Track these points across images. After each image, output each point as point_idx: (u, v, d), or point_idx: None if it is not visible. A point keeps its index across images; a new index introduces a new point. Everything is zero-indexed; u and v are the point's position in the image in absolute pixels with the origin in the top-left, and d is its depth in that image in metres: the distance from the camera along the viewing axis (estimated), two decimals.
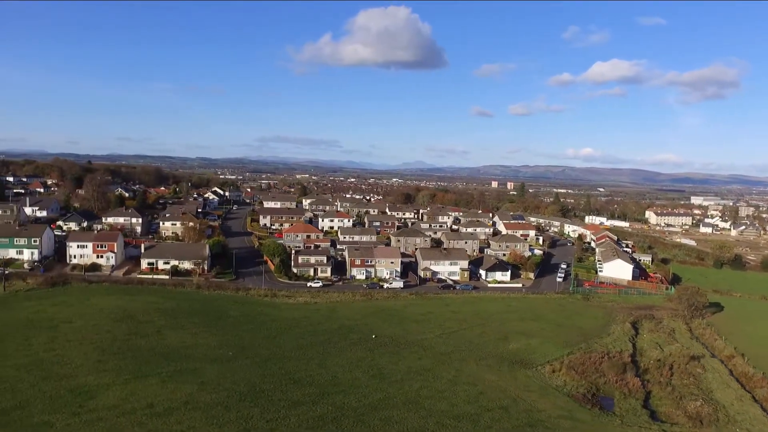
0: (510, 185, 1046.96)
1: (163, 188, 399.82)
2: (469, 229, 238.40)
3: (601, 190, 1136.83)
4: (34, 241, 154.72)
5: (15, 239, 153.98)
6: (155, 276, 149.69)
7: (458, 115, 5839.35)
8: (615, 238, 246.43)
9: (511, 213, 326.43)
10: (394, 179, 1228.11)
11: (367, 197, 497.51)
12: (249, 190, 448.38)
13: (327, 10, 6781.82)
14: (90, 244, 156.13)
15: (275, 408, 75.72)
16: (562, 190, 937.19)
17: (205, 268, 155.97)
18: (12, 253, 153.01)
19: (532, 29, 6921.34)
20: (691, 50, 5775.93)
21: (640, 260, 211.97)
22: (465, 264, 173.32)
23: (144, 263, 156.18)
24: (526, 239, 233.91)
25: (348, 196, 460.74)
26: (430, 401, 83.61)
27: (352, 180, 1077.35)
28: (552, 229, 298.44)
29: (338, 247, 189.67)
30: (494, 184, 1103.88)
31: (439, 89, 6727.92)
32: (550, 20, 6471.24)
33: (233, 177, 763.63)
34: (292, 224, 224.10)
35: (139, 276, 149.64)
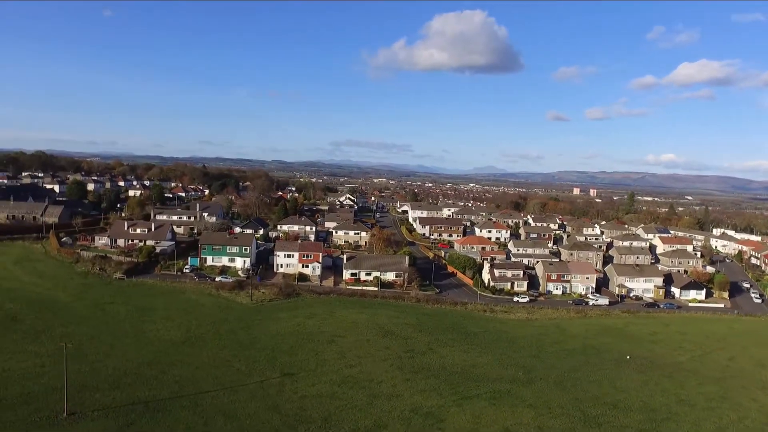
0: (593, 192, 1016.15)
1: (281, 192, 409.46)
2: (625, 243, 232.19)
3: (690, 198, 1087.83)
4: (245, 250, 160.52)
5: (227, 247, 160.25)
6: (364, 288, 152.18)
7: (533, 119, 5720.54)
8: None
9: (642, 225, 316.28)
10: (471, 184, 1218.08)
11: (468, 204, 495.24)
12: (373, 197, 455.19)
13: (403, 14, 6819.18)
14: (296, 254, 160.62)
15: None
16: (648, 198, 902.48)
17: (405, 280, 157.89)
18: (225, 261, 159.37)
19: (614, 30, 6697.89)
20: None
21: None
22: (659, 281, 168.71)
23: (347, 274, 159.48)
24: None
25: (452, 203, 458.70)
26: None
27: (430, 185, 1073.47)
28: (695, 243, 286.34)
29: (512, 260, 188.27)
30: (576, 191, 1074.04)
31: (514, 93, 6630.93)
32: (633, 20, 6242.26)
33: (314, 180, 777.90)
34: (450, 234, 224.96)
35: (349, 287, 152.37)
